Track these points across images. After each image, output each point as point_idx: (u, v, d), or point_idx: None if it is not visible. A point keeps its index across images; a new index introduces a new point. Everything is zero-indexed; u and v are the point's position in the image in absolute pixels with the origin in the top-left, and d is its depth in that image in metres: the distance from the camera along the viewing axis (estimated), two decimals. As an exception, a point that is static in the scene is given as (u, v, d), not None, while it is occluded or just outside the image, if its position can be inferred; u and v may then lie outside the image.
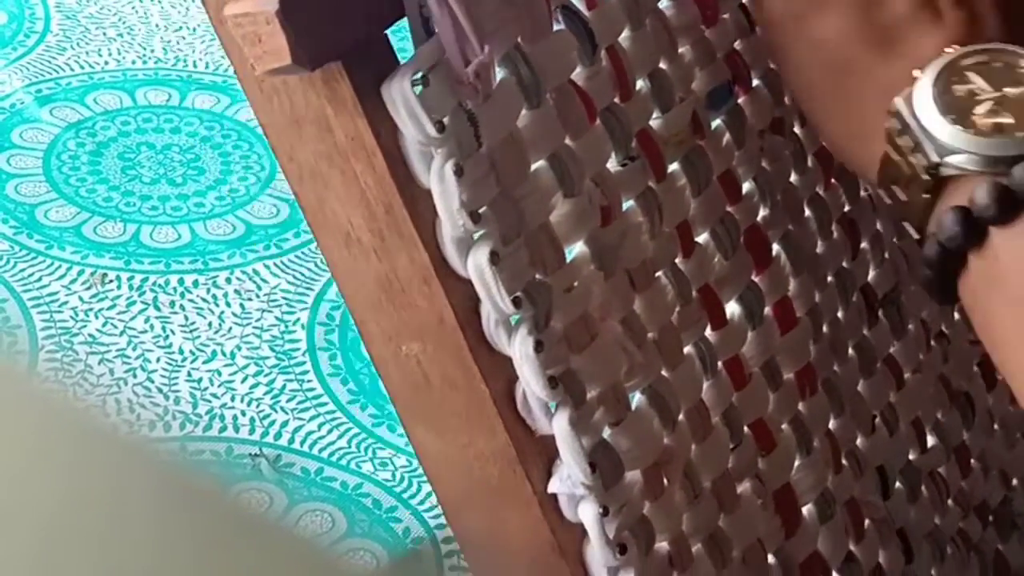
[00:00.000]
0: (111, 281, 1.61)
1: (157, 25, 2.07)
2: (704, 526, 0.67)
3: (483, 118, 0.57)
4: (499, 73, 0.60)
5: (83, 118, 1.87)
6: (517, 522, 0.62)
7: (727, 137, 0.71)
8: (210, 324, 1.57)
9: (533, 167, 0.61)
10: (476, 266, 0.57)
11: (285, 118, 0.57)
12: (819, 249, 0.76)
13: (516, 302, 0.58)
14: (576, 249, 0.63)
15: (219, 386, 1.48)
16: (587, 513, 0.61)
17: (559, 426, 0.60)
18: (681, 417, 0.66)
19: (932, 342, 0.84)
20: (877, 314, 0.80)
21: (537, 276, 0.60)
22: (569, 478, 0.61)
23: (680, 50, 0.68)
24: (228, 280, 1.63)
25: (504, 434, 0.60)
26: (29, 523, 0.30)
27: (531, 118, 0.61)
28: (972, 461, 0.87)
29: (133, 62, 2.00)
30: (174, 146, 1.85)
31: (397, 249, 0.58)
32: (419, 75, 0.56)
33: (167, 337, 1.54)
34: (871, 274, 0.80)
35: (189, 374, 1.49)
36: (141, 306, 1.58)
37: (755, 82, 0.73)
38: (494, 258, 0.57)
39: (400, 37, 0.58)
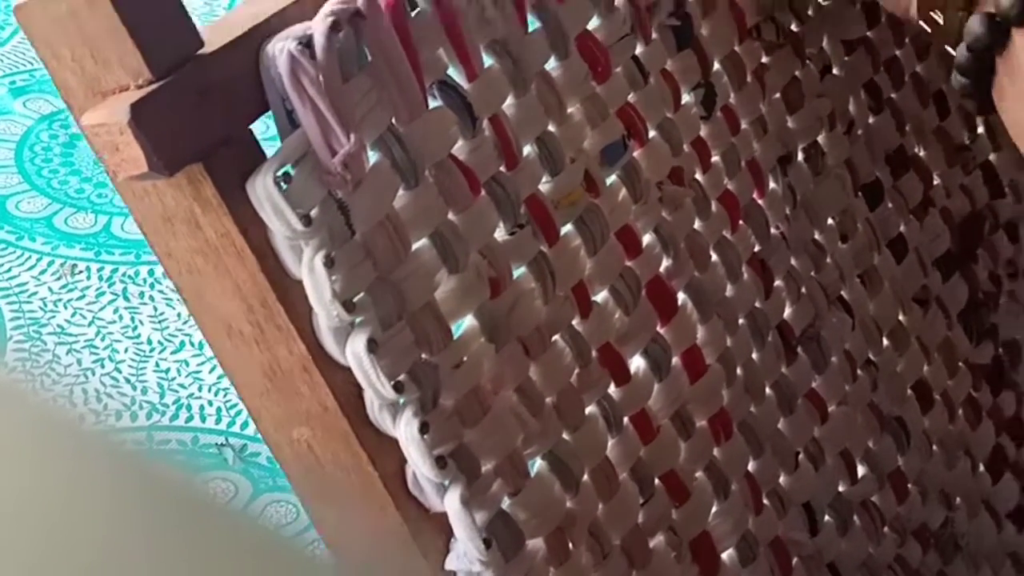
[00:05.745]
0: (81, 272, 1.61)
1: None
2: (615, 585, 0.68)
3: (355, 205, 0.58)
4: (373, 156, 0.60)
5: (56, 110, 1.88)
6: (419, 598, 0.63)
7: (623, 192, 0.71)
8: (179, 315, 1.58)
9: (415, 246, 0.61)
10: (354, 355, 0.58)
11: (158, 216, 0.57)
12: (728, 292, 0.76)
13: (398, 387, 0.59)
14: (465, 323, 0.63)
15: (186, 376, 1.49)
16: (486, 588, 0.61)
17: (451, 504, 0.60)
18: (585, 478, 0.67)
19: (859, 371, 0.84)
20: (795, 351, 0.80)
21: (423, 356, 0.60)
22: (465, 555, 0.61)
23: (569, 110, 0.69)
24: (198, 271, 1.64)
25: (396, 514, 0.60)
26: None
27: (409, 198, 0.61)
28: (909, 485, 0.87)
29: (108, 54, 2.01)
30: (146, 138, 1.86)
31: (276, 340, 0.58)
32: (283, 170, 0.56)
33: (136, 328, 1.55)
34: (787, 311, 0.80)
35: (157, 364, 1.50)
36: (110, 297, 1.59)
37: (651, 134, 0.73)
38: (372, 346, 0.58)
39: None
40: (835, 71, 0.86)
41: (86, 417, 1.46)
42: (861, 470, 0.84)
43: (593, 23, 0.70)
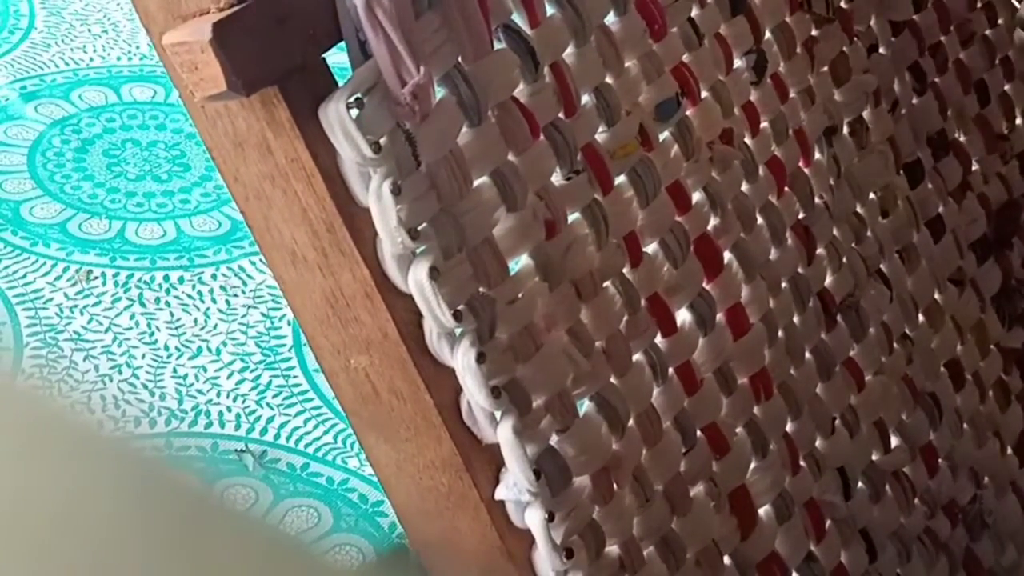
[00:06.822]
0: (96, 278, 1.62)
1: (142, 21, 2.06)
2: (656, 529, 0.69)
3: (421, 137, 0.59)
4: (439, 92, 0.61)
5: (68, 115, 1.88)
6: (467, 528, 0.64)
7: (675, 148, 0.72)
8: (196, 320, 1.58)
9: (476, 183, 0.62)
10: (416, 282, 0.59)
11: (229, 141, 0.59)
12: (772, 256, 0.77)
13: (457, 316, 0.60)
14: (520, 261, 0.65)
15: (205, 382, 1.49)
16: (533, 519, 0.63)
17: (503, 435, 0.61)
18: (631, 423, 0.68)
19: (895, 344, 0.85)
20: (835, 318, 0.81)
21: (480, 289, 0.62)
22: (515, 485, 0.62)
23: (627, 64, 0.70)
24: (214, 276, 1.64)
25: (450, 443, 0.62)
26: (15, 519, 0.30)
27: (472, 135, 0.62)
28: (939, 460, 0.88)
29: (118, 58, 2.01)
30: (159, 142, 1.86)
31: (340, 266, 0.60)
32: (355, 97, 0.57)
33: (152, 333, 1.55)
34: (828, 279, 0.81)
35: (175, 370, 1.51)
36: (126, 303, 1.59)
37: (703, 94, 0.74)
38: (434, 273, 0.59)
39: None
40: (882, 50, 0.88)
41: (104, 423, 1.46)
42: (894, 441, 0.85)
43: (652, -18, 0.72)
